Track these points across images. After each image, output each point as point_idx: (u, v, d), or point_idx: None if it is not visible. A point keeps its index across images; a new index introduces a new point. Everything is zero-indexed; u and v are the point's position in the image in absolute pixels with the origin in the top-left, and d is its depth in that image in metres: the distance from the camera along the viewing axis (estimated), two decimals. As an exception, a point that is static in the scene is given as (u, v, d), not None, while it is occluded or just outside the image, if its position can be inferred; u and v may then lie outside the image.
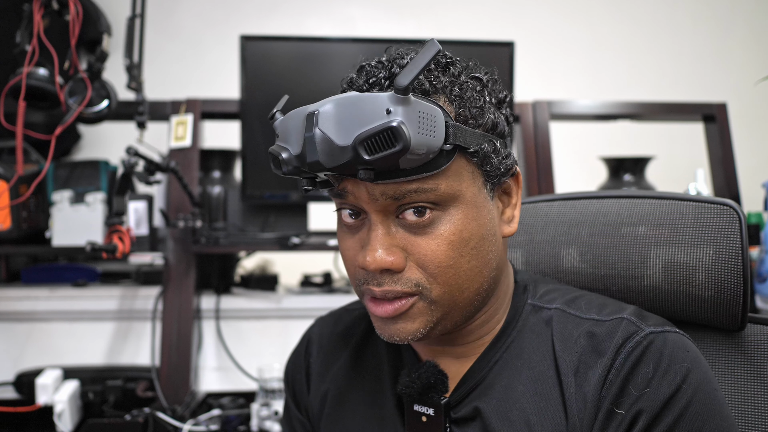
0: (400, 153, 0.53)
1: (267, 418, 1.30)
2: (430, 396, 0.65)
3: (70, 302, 1.56)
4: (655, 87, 2.51)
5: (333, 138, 0.55)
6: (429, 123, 0.55)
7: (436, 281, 0.60)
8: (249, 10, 2.46)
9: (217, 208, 1.60)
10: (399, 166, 0.55)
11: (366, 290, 0.62)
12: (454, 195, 0.59)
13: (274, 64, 1.58)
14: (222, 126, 1.82)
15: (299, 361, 0.81)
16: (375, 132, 0.53)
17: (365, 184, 0.58)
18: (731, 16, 2.63)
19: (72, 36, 1.32)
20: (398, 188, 0.57)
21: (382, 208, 0.59)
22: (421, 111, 0.54)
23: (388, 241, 0.59)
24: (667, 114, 1.81)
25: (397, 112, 0.53)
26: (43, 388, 1.33)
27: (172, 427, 1.28)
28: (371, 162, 0.54)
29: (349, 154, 0.54)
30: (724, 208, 0.72)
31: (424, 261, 0.60)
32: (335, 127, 0.55)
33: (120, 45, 1.42)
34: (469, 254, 0.61)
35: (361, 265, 0.60)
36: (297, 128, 0.58)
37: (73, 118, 1.34)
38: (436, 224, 0.60)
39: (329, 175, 0.59)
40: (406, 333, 0.62)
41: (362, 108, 0.54)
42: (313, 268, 1.78)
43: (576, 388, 0.61)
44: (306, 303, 1.60)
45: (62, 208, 1.47)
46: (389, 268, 0.59)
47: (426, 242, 0.60)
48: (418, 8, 2.50)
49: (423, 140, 0.54)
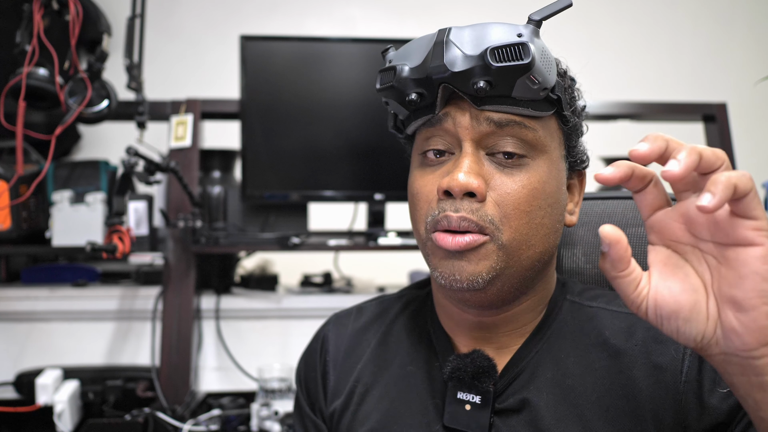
0: (524, 69, 0.57)
1: (267, 418, 1.30)
2: (480, 381, 0.64)
3: (70, 302, 1.56)
4: (655, 87, 2.51)
5: (462, 48, 0.58)
6: (549, 61, 0.60)
7: (509, 223, 0.61)
8: (249, 10, 2.46)
9: (217, 208, 1.60)
10: (513, 90, 0.59)
11: (441, 219, 0.61)
12: (546, 147, 0.63)
13: (274, 64, 1.58)
14: (222, 126, 1.82)
15: (314, 361, 0.79)
16: (506, 44, 0.57)
17: (469, 109, 0.61)
18: (731, 16, 2.63)
19: (72, 36, 1.32)
20: (504, 115, 0.60)
21: (480, 136, 0.61)
22: (543, 48, 0.59)
23: (476, 168, 0.61)
24: (667, 114, 1.81)
25: (526, 36, 0.58)
26: (43, 388, 1.33)
27: (172, 427, 1.28)
28: (496, 70, 0.57)
29: (476, 61, 0.58)
30: None
31: (504, 199, 0.61)
32: (467, 40, 0.59)
33: (120, 45, 1.42)
34: (544, 209, 0.62)
35: (446, 186, 0.60)
36: (421, 45, 0.61)
37: (73, 118, 1.34)
38: (523, 169, 0.62)
39: (441, 92, 0.60)
40: (468, 273, 0.61)
41: (495, 29, 0.59)
42: (313, 268, 1.78)
43: (647, 378, 0.62)
44: (306, 303, 1.60)
45: (62, 208, 1.47)
46: (473, 192, 0.60)
47: (511, 181, 0.61)
48: (418, 8, 2.51)
49: (542, 70, 0.58)
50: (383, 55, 0.66)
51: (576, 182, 0.71)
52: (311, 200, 1.61)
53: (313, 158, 1.58)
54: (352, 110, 1.58)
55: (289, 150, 1.58)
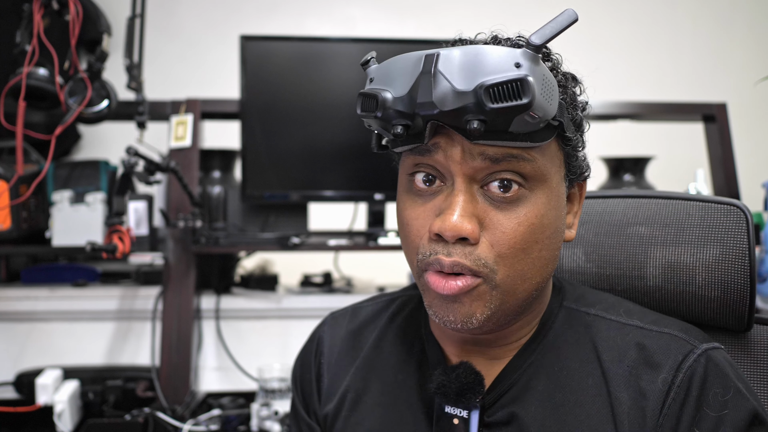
0: (523, 108, 0.51)
1: (267, 418, 1.30)
2: (466, 397, 0.62)
3: (70, 302, 1.56)
4: (655, 87, 2.51)
5: (452, 81, 0.52)
6: (549, 89, 0.54)
7: (503, 263, 0.57)
8: (249, 10, 2.46)
9: (217, 208, 1.60)
10: (510, 126, 0.53)
11: (433, 261, 0.57)
12: (544, 176, 0.58)
13: (274, 64, 1.58)
14: (222, 126, 1.82)
15: (308, 362, 0.78)
16: (503, 81, 0.51)
17: (462, 142, 0.55)
18: (731, 16, 2.63)
19: (72, 36, 1.32)
20: (499, 149, 0.55)
21: (472, 172, 0.56)
22: (545, 75, 0.53)
23: (470, 209, 0.56)
24: (667, 114, 1.81)
25: (526, 68, 0.52)
26: (43, 388, 1.33)
27: (172, 427, 1.28)
28: (492, 111, 0.51)
29: (469, 99, 0.52)
30: (731, 208, 0.72)
31: (500, 239, 0.57)
32: (457, 70, 0.53)
33: (120, 45, 1.42)
34: (542, 243, 0.59)
35: (437, 230, 0.56)
36: (405, 70, 0.55)
37: (73, 118, 1.34)
38: (521, 203, 0.57)
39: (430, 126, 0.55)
40: (462, 315, 0.58)
41: (489, 57, 0.52)
42: (313, 268, 1.78)
43: (631, 402, 0.60)
44: (306, 303, 1.60)
45: (62, 208, 1.47)
46: (467, 237, 0.56)
47: (507, 219, 0.57)
48: (418, 8, 2.50)
49: (542, 104, 0.53)
50: (363, 68, 0.61)
51: (576, 192, 0.66)
52: (311, 200, 1.61)
53: (313, 158, 1.58)
54: (353, 110, 1.56)
55: (289, 150, 1.58)
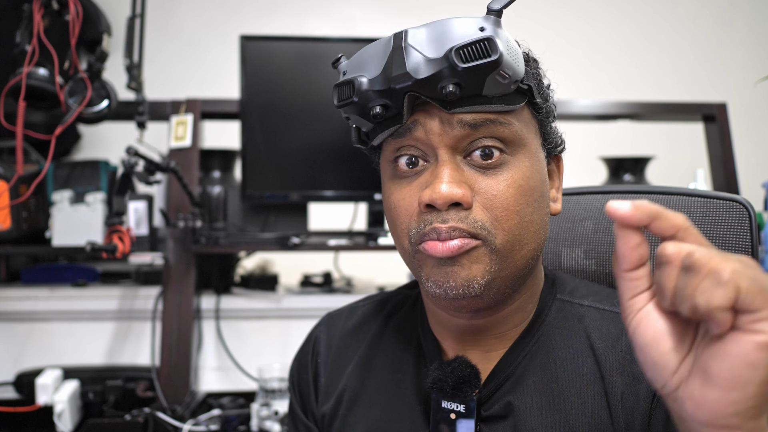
0: (493, 66, 0.54)
1: (267, 418, 1.30)
2: (462, 391, 0.63)
3: (70, 302, 1.56)
4: (655, 87, 2.51)
5: (423, 51, 0.55)
6: (514, 51, 0.56)
7: (501, 226, 0.58)
8: (249, 10, 2.46)
9: (217, 208, 1.60)
10: (484, 89, 0.56)
11: (429, 231, 0.58)
12: (522, 140, 0.60)
13: (274, 64, 1.58)
14: (222, 126, 1.82)
15: (305, 362, 0.78)
16: (471, 42, 0.54)
17: (439, 114, 0.57)
18: (731, 16, 2.63)
19: (72, 36, 1.32)
20: (477, 115, 0.57)
21: (454, 141, 0.58)
22: (508, 38, 0.56)
23: (457, 176, 0.58)
24: (667, 114, 1.81)
25: (490, 30, 0.55)
26: (43, 388, 1.33)
27: (172, 427, 1.28)
28: (462, 72, 0.54)
29: (442, 64, 0.54)
30: (733, 204, 0.71)
31: (492, 202, 0.58)
32: (426, 42, 0.56)
33: (120, 45, 1.42)
34: (532, 205, 0.60)
35: (427, 200, 0.57)
36: (377, 53, 0.58)
37: (73, 118, 1.34)
38: (505, 167, 0.59)
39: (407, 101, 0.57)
40: (463, 278, 0.58)
41: (454, 27, 0.55)
42: (313, 268, 1.78)
43: (624, 386, 0.60)
44: (306, 303, 1.60)
45: (62, 208, 1.47)
46: (459, 201, 0.57)
47: (495, 182, 0.58)
48: (418, 8, 2.50)
49: (511, 63, 0.55)
50: (334, 66, 0.62)
51: (554, 167, 0.68)
52: (311, 200, 1.61)
53: (313, 158, 1.58)
54: (352, 110, 1.58)
55: (289, 150, 1.58)
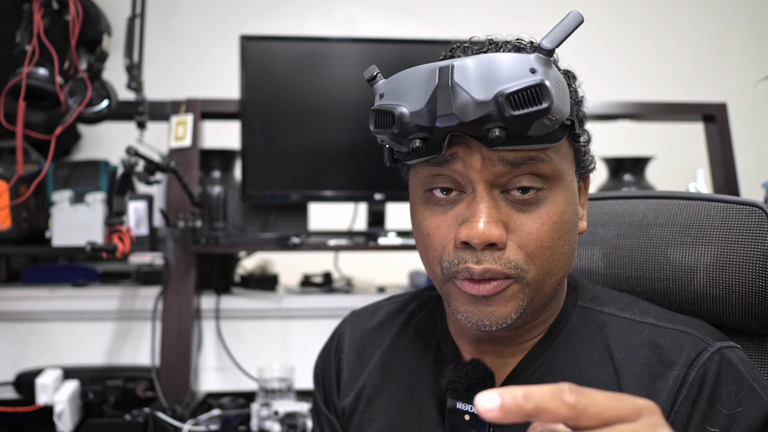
0: (543, 113, 0.52)
1: (267, 418, 1.30)
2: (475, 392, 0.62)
3: (70, 302, 1.56)
4: (655, 87, 2.51)
5: (471, 91, 0.53)
6: (563, 91, 0.55)
7: (533, 263, 0.58)
8: (249, 10, 2.46)
9: (217, 208, 1.60)
10: (529, 131, 0.54)
11: (461, 270, 0.58)
12: (561, 174, 0.59)
13: (274, 64, 1.58)
14: (222, 126, 1.82)
15: (329, 358, 0.80)
16: (523, 88, 0.52)
17: (481, 150, 0.56)
18: (731, 16, 2.63)
19: (72, 36, 1.32)
20: (519, 154, 0.56)
21: (493, 178, 0.57)
22: (558, 78, 0.54)
23: (495, 214, 0.57)
24: (667, 114, 1.81)
25: (542, 73, 0.53)
26: (43, 388, 1.33)
27: (172, 427, 1.28)
28: (513, 118, 0.52)
29: (490, 108, 0.52)
30: (752, 209, 0.71)
31: (526, 240, 0.58)
32: (474, 81, 0.53)
33: (120, 45, 1.42)
34: (564, 238, 0.60)
35: (465, 238, 0.56)
36: (419, 83, 0.56)
37: (73, 118, 1.34)
38: (542, 204, 0.58)
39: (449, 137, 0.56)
40: (498, 317, 0.58)
41: (503, 66, 0.53)
42: (313, 268, 1.78)
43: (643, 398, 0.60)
44: (306, 303, 1.60)
45: (62, 208, 1.47)
46: (495, 242, 0.56)
47: (531, 220, 0.58)
48: (418, 8, 2.50)
49: (559, 106, 0.54)
50: (370, 83, 0.61)
51: (582, 185, 0.68)
52: (311, 200, 1.61)
53: (313, 158, 1.58)
54: (352, 110, 1.58)
55: (289, 150, 1.58)
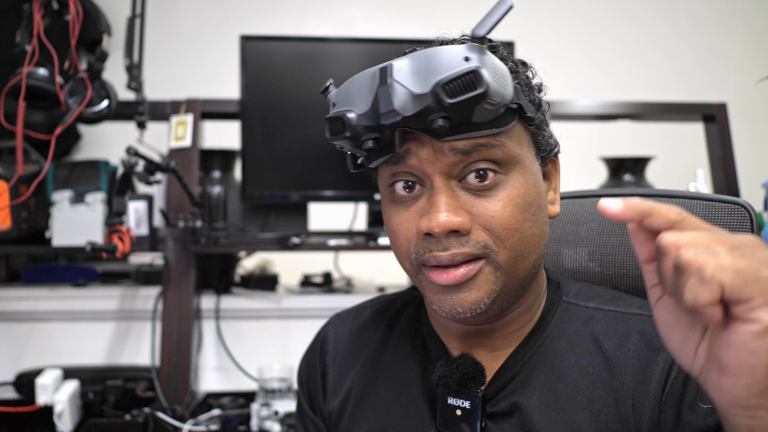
0: (482, 97, 0.53)
1: (267, 418, 1.30)
2: (467, 388, 0.64)
3: (70, 302, 1.56)
4: (655, 87, 2.51)
5: (409, 86, 0.55)
6: (502, 75, 0.56)
7: (503, 244, 0.59)
8: (249, 10, 2.46)
9: (217, 208, 1.60)
10: (472, 118, 0.56)
11: (429, 258, 0.59)
12: (516, 158, 0.60)
13: (274, 64, 1.58)
14: (222, 126, 1.82)
15: (314, 360, 0.80)
16: (456, 76, 0.53)
17: (431, 143, 0.57)
18: (731, 16, 2.63)
19: (72, 36, 1.32)
20: (468, 141, 0.57)
21: (447, 168, 0.58)
22: (494, 63, 0.55)
23: (454, 203, 0.58)
24: (667, 114, 1.81)
25: (475, 59, 0.54)
26: (43, 388, 1.33)
27: (172, 427, 1.28)
28: (451, 106, 0.53)
29: (428, 100, 0.54)
30: (735, 207, 0.71)
31: (491, 222, 0.59)
32: (411, 76, 0.55)
33: (120, 45, 1.42)
34: (530, 220, 0.60)
35: (426, 229, 0.58)
36: (364, 88, 0.58)
37: (73, 118, 1.34)
38: (500, 187, 0.59)
39: (397, 134, 0.58)
40: (470, 303, 0.59)
41: (438, 58, 0.54)
42: (313, 268, 1.78)
43: (635, 384, 0.61)
44: (306, 303, 1.60)
45: (62, 208, 1.47)
46: (457, 229, 0.58)
47: (492, 204, 0.59)
48: (418, 8, 2.50)
49: (498, 90, 0.55)
50: (323, 94, 0.63)
51: (551, 169, 0.68)
52: (311, 200, 1.61)
53: (313, 158, 1.58)
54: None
55: (289, 150, 1.58)
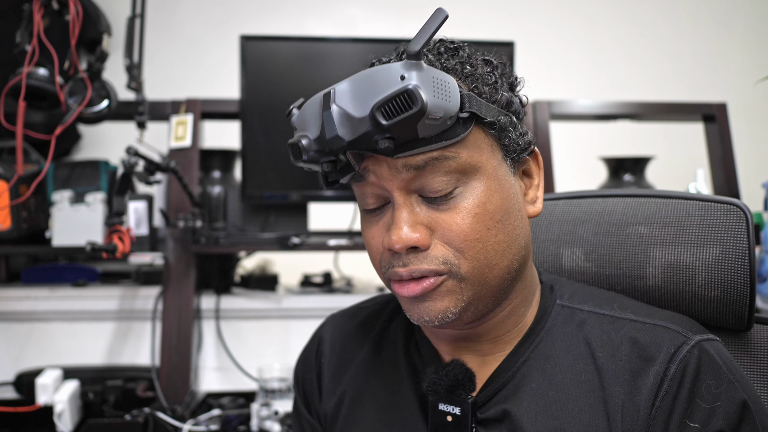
0: (417, 116, 0.53)
1: (267, 418, 1.30)
2: (457, 394, 0.64)
3: (70, 302, 1.56)
4: (655, 87, 2.51)
5: (350, 111, 0.55)
6: (443, 88, 0.55)
7: (463, 256, 0.59)
8: (249, 10, 2.46)
9: (217, 208, 1.60)
10: (418, 134, 0.55)
11: (392, 274, 0.61)
12: (474, 166, 0.59)
13: (274, 64, 1.58)
14: (222, 126, 1.82)
15: (310, 361, 0.80)
16: (391, 97, 0.53)
17: (386, 160, 0.58)
18: (731, 16, 2.63)
19: (72, 36, 1.32)
20: (420, 156, 0.57)
21: (404, 184, 0.59)
22: (435, 77, 0.54)
23: (412, 219, 0.59)
24: (667, 114, 1.81)
25: (411, 77, 0.53)
26: (43, 388, 1.33)
27: (172, 427, 1.28)
28: (389, 128, 0.53)
29: (367, 123, 0.54)
30: (730, 207, 0.71)
31: (450, 236, 0.59)
32: (351, 101, 0.56)
33: (120, 45, 1.42)
34: (495, 228, 0.60)
35: (387, 246, 0.59)
36: (314, 113, 0.59)
37: (73, 118, 1.34)
38: (459, 198, 0.59)
39: (351, 156, 0.59)
40: (436, 312, 0.60)
41: (376, 79, 0.55)
42: (313, 268, 1.78)
43: (625, 396, 0.60)
44: (306, 303, 1.60)
45: (62, 208, 1.47)
46: (415, 245, 0.58)
47: (450, 217, 0.59)
48: (418, 8, 2.49)
49: (439, 104, 0.54)
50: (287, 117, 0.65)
51: (532, 166, 0.67)
52: (311, 200, 1.61)
53: (313, 158, 1.58)
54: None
55: (289, 150, 1.57)
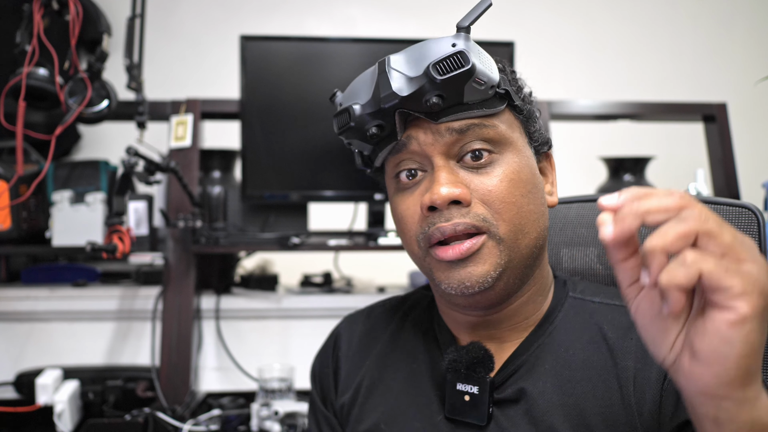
0: (467, 75, 0.61)
1: (267, 418, 1.30)
2: (476, 373, 0.66)
3: (70, 302, 1.56)
4: (655, 87, 2.51)
5: (405, 72, 0.62)
6: (487, 60, 0.64)
7: (501, 218, 0.63)
8: (249, 10, 2.46)
9: (217, 208, 1.60)
10: (463, 97, 0.62)
11: (433, 232, 0.63)
12: (508, 140, 0.66)
13: (274, 64, 1.58)
14: (222, 126, 1.82)
15: (327, 357, 0.83)
16: (445, 56, 0.60)
17: (429, 126, 0.64)
18: (731, 16, 2.63)
19: (72, 36, 1.32)
20: (462, 122, 0.64)
21: (445, 148, 0.64)
22: (479, 49, 0.63)
23: (453, 178, 0.64)
24: (667, 114, 1.81)
25: (461, 45, 0.61)
26: (43, 388, 1.33)
27: (172, 427, 1.28)
28: (443, 83, 0.60)
29: (422, 80, 0.61)
30: (743, 210, 0.72)
31: (488, 196, 0.64)
32: (406, 64, 0.63)
33: (120, 45, 1.42)
34: (527, 196, 0.65)
35: (429, 202, 0.63)
36: (365, 81, 0.65)
37: (73, 118, 1.34)
38: (495, 165, 0.65)
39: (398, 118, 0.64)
40: (477, 276, 0.63)
41: (429, 47, 0.62)
42: (313, 268, 1.78)
43: (637, 370, 0.63)
44: (306, 303, 1.60)
45: (62, 208, 1.47)
46: (457, 199, 0.62)
47: (488, 179, 0.64)
48: (418, 8, 2.50)
49: (484, 71, 0.62)
50: (332, 101, 0.70)
51: (546, 164, 0.74)
52: (311, 200, 1.61)
53: (313, 158, 1.58)
54: (352, 110, 1.58)
55: (289, 150, 1.58)
